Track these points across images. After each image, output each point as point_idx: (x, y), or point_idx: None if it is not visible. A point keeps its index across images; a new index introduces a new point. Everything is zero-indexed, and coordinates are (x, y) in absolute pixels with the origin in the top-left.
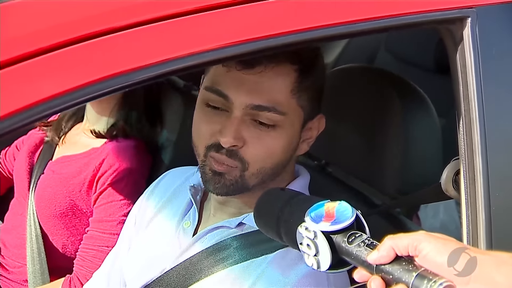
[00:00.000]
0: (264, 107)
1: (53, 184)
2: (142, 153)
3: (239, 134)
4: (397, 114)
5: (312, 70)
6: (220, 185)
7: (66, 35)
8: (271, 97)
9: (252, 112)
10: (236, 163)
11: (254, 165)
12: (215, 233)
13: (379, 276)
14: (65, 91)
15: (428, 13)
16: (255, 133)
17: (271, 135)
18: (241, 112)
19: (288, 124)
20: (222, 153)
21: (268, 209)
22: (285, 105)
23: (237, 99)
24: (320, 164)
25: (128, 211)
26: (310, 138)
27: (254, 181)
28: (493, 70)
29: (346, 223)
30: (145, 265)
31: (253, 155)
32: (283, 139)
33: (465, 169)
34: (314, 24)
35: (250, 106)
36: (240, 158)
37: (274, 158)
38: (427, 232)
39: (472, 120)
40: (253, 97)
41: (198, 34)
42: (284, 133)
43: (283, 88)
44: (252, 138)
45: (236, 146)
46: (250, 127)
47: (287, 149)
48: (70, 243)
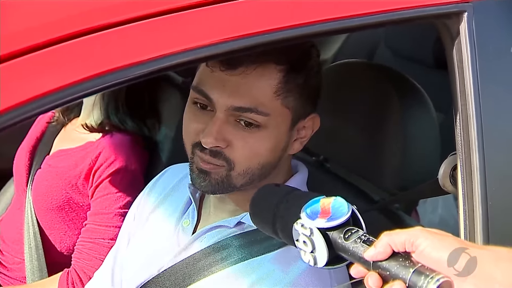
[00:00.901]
0: (245, 109)
1: (49, 178)
2: (138, 147)
3: (221, 135)
4: (396, 110)
5: (301, 70)
6: (205, 183)
7: (63, 30)
8: (253, 99)
9: (235, 114)
10: (222, 162)
11: (240, 165)
12: (214, 232)
13: (376, 272)
14: (62, 86)
15: (424, 7)
16: (239, 134)
17: (255, 136)
18: (223, 113)
19: (272, 125)
20: (206, 152)
21: (264, 206)
22: (268, 106)
23: (219, 100)
24: (318, 159)
25: (124, 204)
26: (303, 137)
27: (242, 181)
28: (490, 65)
29: (342, 220)
30: (143, 263)
31: (238, 156)
32: (268, 140)
33: (462, 164)
34: (310, 19)
35: (232, 108)
36: (225, 157)
37: (260, 158)
38: (423, 228)
39: (469, 115)
40: (235, 99)
41: (193, 30)
42: (269, 134)
43: (266, 89)
44: (236, 139)
45: (219, 147)
46: (234, 128)
47: (274, 150)
48: (68, 237)
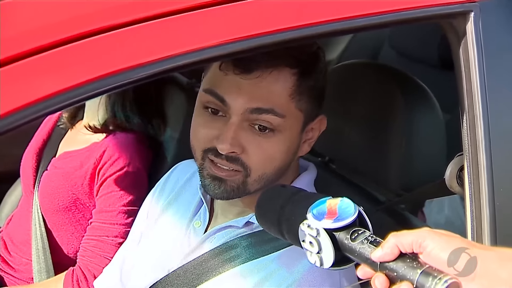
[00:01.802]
0: (263, 110)
1: (56, 179)
2: (142, 146)
3: (236, 141)
4: (401, 110)
5: (312, 72)
6: (220, 190)
7: (66, 32)
8: (270, 100)
9: (251, 117)
10: (239, 167)
11: (256, 171)
12: (223, 232)
13: (383, 273)
14: (66, 88)
15: (431, 7)
16: (254, 139)
17: (270, 140)
18: (239, 117)
19: (287, 127)
20: (222, 158)
21: (269, 207)
22: (284, 108)
23: (234, 103)
24: (324, 160)
25: (128, 202)
26: (311, 139)
27: (257, 186)
28: (497, 64)
29: (348, 220)
30: (153, 263)
31: (254, 162)
32: (283, 144)
33: (469, 165)
34: (316, 20)
35: (249, 110)
36: (242, 163)
37: (275, 163)
38: (431, 229)
39: (475, 116)
40: (252, 101)
41: (198, 31)
42: (283, 138)
43: (281, 93)
44: (251, 145)
45: (234, 152)
46: (249, 133)
47: (287, 154)
48: (74, 238)
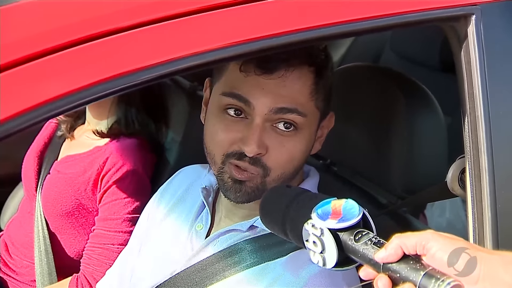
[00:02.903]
0: (287, 109)
1: (59, 184)
2: (145, 151)
3: (262, 142)
4: (403, 113)
5: (326, 70)
6: (241, 193)
7: (71, 36)
8: (293, 99)
9: (274, 117)
10: (258, 170)
11: (275, 171)
12: (227, 236)
13: (386, 274)
14: (70, 91)
15: (432, 10)
16: (277, 139)
17: (292, 139)
18: (262, 118)
19: (307, 126)
20: (245, 160)
21: (274, 206)
22: (306, 106)
23: (259, 103)
24: (325, 163)
25: (133, 209)
26: (321, 137)
27: (274, 185)
28: (498, 67)
29: (353, 221)
30: (155, 266)
31: (275, 162)
32: (303, 142)
33: (470, 167)
34: (317, 23)
35: (274, 110)
36: (262, 165)
37: (294, 162)
38: (435, 231)
39: (477, 118)
40: (276, 100)
41: (201, 34)
42: (303, 136)
43: (303, 90)
44: (274, 145)
45: (260, 154)
46: (271, 133)
47: (306, 152)
48: (77, 242)
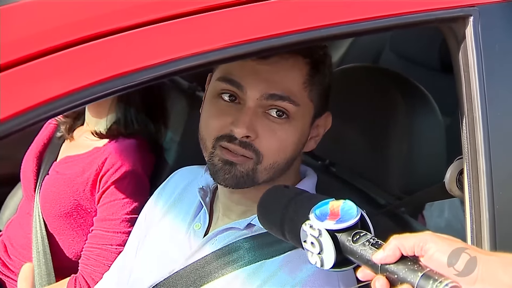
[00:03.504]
0: (279, 96)
1: (57, 184)
2: (144, 152)
3: (252, 125)
4: (401, 114)
5: (321, 66)
6: (230, 175)
7: (71, 35)
8: (286, 87)
9: (266, 103)
10: (251, 154)
11: (267, 158)
12: (225, 234)
13: (384, 275)
14: (70, 91)
15: (430, 11)
16: (268, 125)
17: (283, 127)
18: (254, 102)
19: (299, 116)
20: (236, 144)
21: (272, 206)
22: (298, 96)
23: (251, 88)
24: (324, 164)
25: (131, 210)
26: (317, 136)
27: (265, 176)
28: (496, 68)
29: (351, 222)
30: (154, 266)
31: (267, 148)
32: (295, 133)
33: (468, 168)
34: (318, 23)
35: (265, 96)
36: (254, 149)
37: (287, 152)
38: (433, 233)
39: (475, 119)
40: (268, 86)
41: (201, 34)
42: (296, 126)
43: (296, 79)
44: (265, 131)
45: (249, 137)
46: (263, 119)
47: (298, 143)
48: (75, 243)
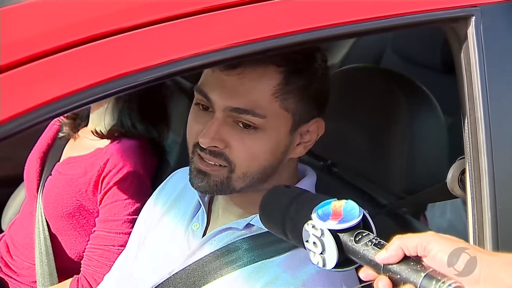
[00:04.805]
0: (242, 110)
1: (60, 185)
2: (146, 153)
3: (218, 136)
4: (403, 114)
5: (302, 72)
6: (203, 183)
7: (73, 36)
8: (250, 100)
9: (232, 114)
10: (223, 162)
11: (239, 167)
12: (223, 235)
13: (386, 275)
14: (72, 92)
15: (432, 12)
16: (237, 135)
17: (252, 137)
18: (221, 114)
19: (270, 127)
20: (206, 152)
21: (274, 206)
22: (266, 108)
23: (217, 100)
24: (326, 164)
25: (133, 210)
26: (308, 142)
27: (241, 184)
28: (498, 69)
29: (353, 222)
30: (153, 267)
31: (237, 157)
32: (267, 142)
33: (470, 168)
34: (319, 24)
35: (229, 108)
36: (226, 158)
37: (259, 161)
38: (435, 233)
39: (477, 119)
40: (232, 100)
41: (203, 34)
42: (267, 137)
43: (264, 90)
44: (234, 141)
45: (217, 147)
46: (232, 128)
47: (273, 152)
48: (78, 243)
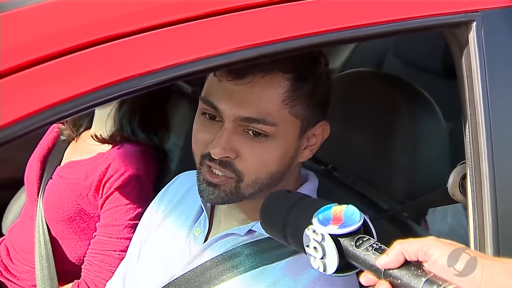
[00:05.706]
0: (253, 119)
1: (61, 189)
2: (148, 158)
3: (229, 145)
4: (404, 119)
5: (309, 77)
6: (214, 196)
7: (76, 40)
8: (260, 109)
9: (242, 124)
10: (231, 174)
11: (248, 176)
12: (225, 240)
13: (387, 280)
14: (75, 95)
15: (433, 17)
16: (248, 144)
17: (263, 145)
18: (231, 124)
19: (280, 134)
20: (215, 163)
21: (275, 210)
22: (276, 116)
23: (226, 110)
24: (327, 168)
25: (135, 216)
26: (314, 145)
27: (251, 190)
28: (499, 73)
29: (354, 227)
30: (154, 271)
31: (247, 166)
32: (277, 150)
33: (471, 173)
34: (321, 29)
35: (239, 118)
36: (234, 168)
37: (269, 168)
38: (436, 238)
39: (478, 124)
40: (242, 109)
41: (208, 38)
42: (277, 144)
43: (273, 98)
44: (245, 149)
45: (228, 157)
46: (242, 137)
47: (283, 159)
48: (78, 247)
